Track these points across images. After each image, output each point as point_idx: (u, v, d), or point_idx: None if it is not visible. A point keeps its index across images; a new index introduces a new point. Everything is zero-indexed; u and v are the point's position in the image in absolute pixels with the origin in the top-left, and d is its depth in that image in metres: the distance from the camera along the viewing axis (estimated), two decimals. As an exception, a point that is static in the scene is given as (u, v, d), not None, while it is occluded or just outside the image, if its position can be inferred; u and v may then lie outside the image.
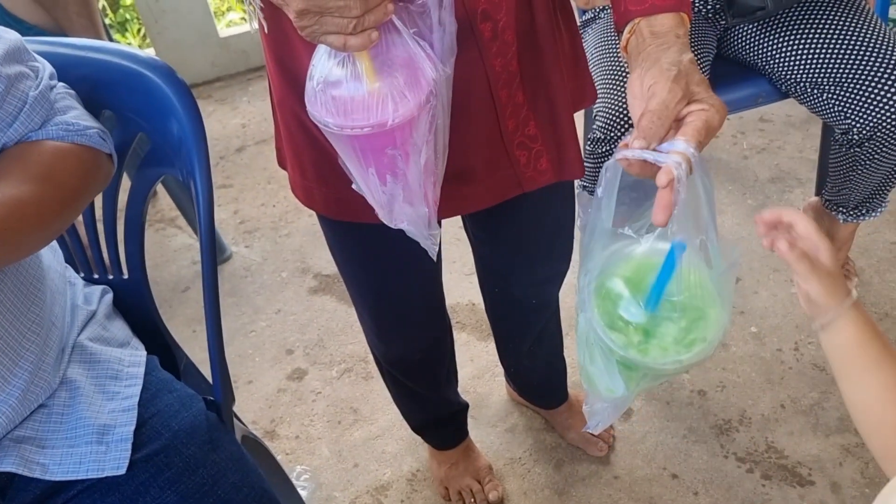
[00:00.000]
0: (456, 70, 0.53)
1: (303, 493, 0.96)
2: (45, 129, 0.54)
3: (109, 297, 0.70)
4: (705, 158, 0.39)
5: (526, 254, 0.80)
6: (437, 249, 0.59)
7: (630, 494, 0.91)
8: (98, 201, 0.62)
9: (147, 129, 0.66)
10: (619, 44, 0.49)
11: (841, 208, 0.98)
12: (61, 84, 0.58)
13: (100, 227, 0.70)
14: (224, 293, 1.20)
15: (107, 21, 1.69)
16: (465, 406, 1.00)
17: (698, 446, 0.94)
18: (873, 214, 0.97)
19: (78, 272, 0.72)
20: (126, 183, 0.65)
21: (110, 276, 0.75)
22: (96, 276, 0.76)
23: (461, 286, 1.15)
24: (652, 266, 0.48)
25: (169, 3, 1.73)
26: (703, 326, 0.47)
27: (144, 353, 0.66)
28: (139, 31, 2.08)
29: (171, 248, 1.41)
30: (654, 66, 0.45)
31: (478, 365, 1.12)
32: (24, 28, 1.12)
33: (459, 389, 0.99)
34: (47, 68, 0.56)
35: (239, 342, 1.17)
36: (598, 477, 0.95)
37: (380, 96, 0.49)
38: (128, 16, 2.12)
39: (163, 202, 1.43)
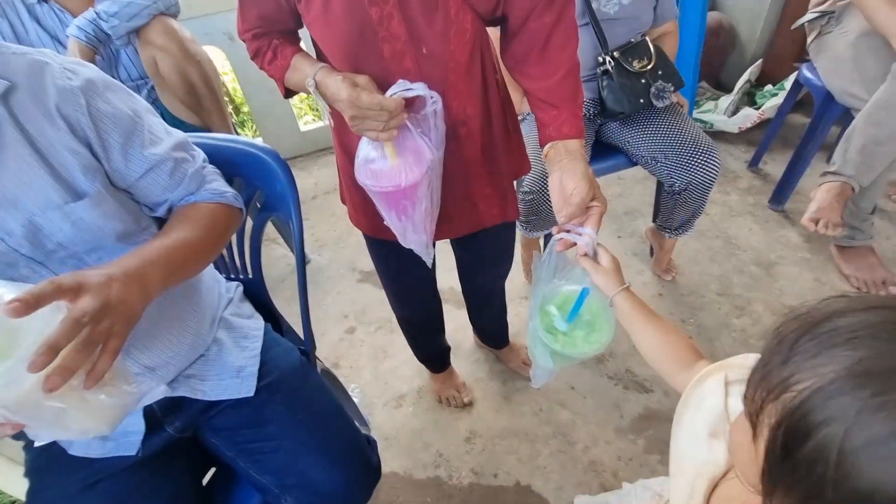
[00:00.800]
0: (444, 154, 0.71)
1: (356, 401, 1.27)
2: (198, 193, 0.67)
3: (240, 288, 0.88)
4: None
5: (485, 260, 1.07)
6: (431, 259, 0.82)
7: (547, 397, 1.33)
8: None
9: (262, 187, 0.83)
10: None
11: (667, 230, 1.45)
12: (210, 165, 0.71)
13: (235, 248, 0.91)
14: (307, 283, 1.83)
15: (233, 120, 2.02)
16: (449, 348, 1.34)
17: (587, 370, 1.39)
18: (686, 233, 1.44)
19: (222, 274, 0.89)
20: (249, 221, 0.84)
21: (241, 276, 0.94)
22: (233, 276, 0.95)
23: (447, 277, 1.31)
24: (571, 298, 0.67)
25: (270, 110, 2.34)
26: (598, 333, 0.65)
27: (262, 321, 0.83)
28: (253, 126, 2.57)
29: (274, 257, 1.91)
30: (572, 175, 0.65)
31: (456, 324, 1.52)
32: (184, 127, 1.25)
33: (446, 337, 1.32)
34: (201, 154, 0.70)
35: (315, 312, 1.41)
36: (527, 388, 1.37)
37: (398, 169, 0.66)
38: (245, 117, 2.66)
39: (268, 229, 1.88)
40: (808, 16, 1.60)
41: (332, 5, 0.62)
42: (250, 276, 0.92)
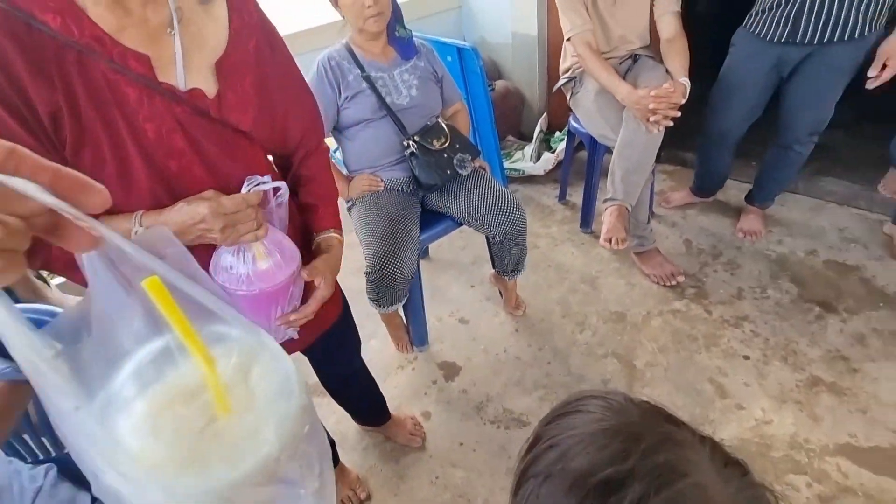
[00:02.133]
0: None
1: None
2: None
3: (53, 470, 0.76)
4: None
5: (332, 351, 1.08)
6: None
7: (440, 461, 1.37)
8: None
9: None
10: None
11: (504, 273, 1.63)
12: None
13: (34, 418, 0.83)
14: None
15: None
16: (333, 443, 1.21)
17: (469, 422, 1.45)
18: (520, 272, 1.63)
19: (24, 460, 0.81)
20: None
21: (52, 454, 0.86)
22: (41, 458, 0.85)
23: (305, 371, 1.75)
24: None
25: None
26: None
27: (89, 497, 0.75)
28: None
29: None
30: (328, 263, 0.81)
31: (336, 416, 1.43)
32: None
33: (329, 433, 1.21)
34: None
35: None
36: (420, 458, 1.39)
37: (273, 266, 0.69)
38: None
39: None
40: (560, 81, 2.00)
41: (132, 166, 0.61)
42: (64, 450, 0.79)
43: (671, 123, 1.59)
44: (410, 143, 1.42)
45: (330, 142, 1.45)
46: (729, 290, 1.78)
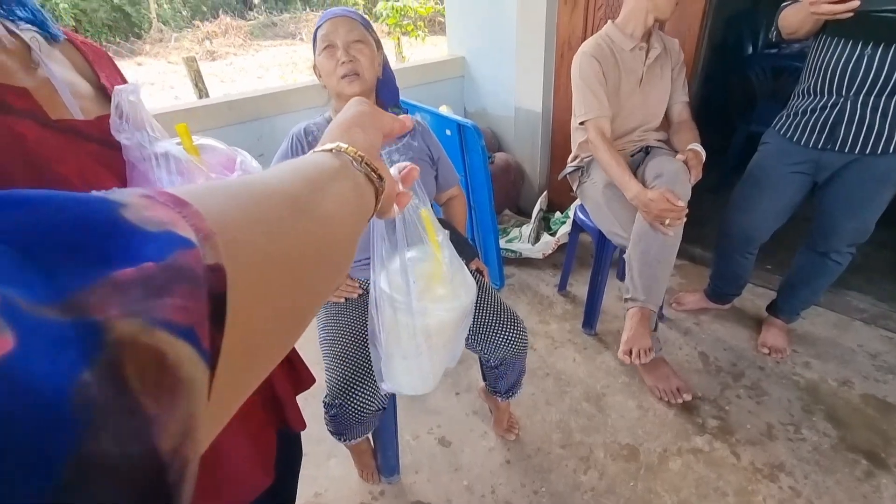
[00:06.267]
0: None
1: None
2: None
3: None
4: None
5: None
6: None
7: None
8: None
9: None
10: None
11: (497, 394, 1.35)
12: None
13: None
14: None
15: None
16: None
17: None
18: (514, 396, 1.36)
19: None
20: None
21: None
22: None
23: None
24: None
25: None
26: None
27: None
28: None
29: None
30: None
31: None
32: None
33: None
34: None
35: None
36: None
37: None
38: None
39: None
40: (567, 169, 1.82)
41: None
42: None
43: (682, 222, 1.42)
44: (396, 240, 1.18)
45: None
46: (757, 426, 1.52)
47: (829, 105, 1.39)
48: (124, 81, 0.62)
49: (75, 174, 0.50)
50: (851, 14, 1.18)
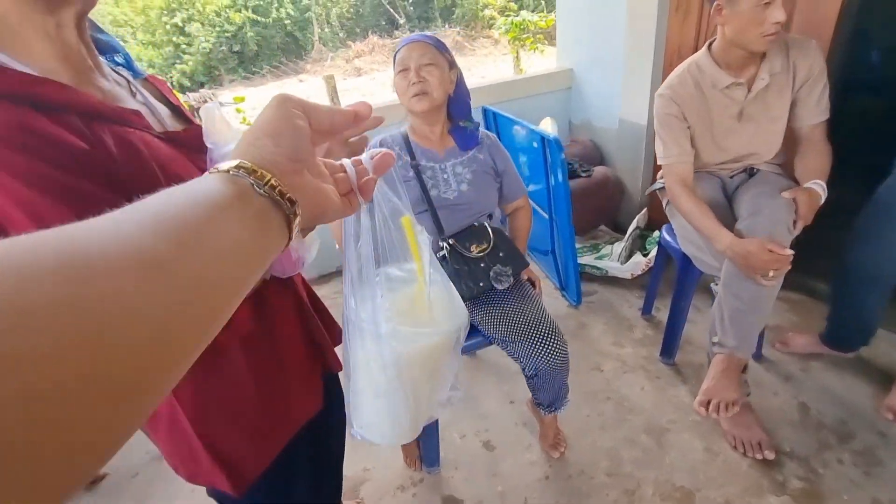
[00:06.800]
0: None
1: None
2: None
3: None
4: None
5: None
6: None
7: None
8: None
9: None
10: None
11: (540, 407, 1.35)
12: None
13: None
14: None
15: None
16: None
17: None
18: (559, 410, 1.34)
19: None
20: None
21: None
22: None
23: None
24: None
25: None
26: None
27: None
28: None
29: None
30: None
31: None
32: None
33: None
34: None
35: None
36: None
37: None
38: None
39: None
40: (656, 184, 1.71)
41: None
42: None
43: (787, 269, 1.24)
44: (445, 244, 1.27)
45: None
46: (858, 499, 1.28)
47: None
48: (178, 99, 0.80)
49: (184, 171, 0.60)
50: None
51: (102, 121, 0.55)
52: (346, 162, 0.41)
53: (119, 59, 0.66)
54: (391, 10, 12.34)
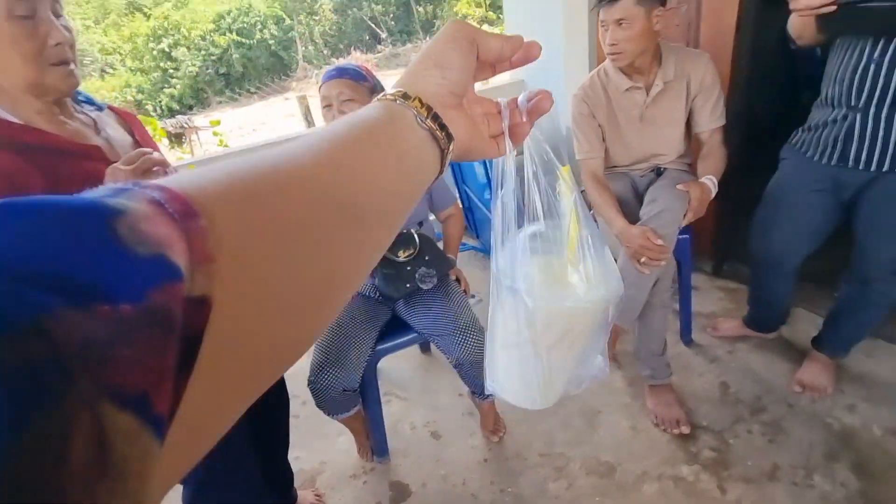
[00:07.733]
0: None
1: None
2: None
3: None
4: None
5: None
6: None
7: None
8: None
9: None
10: None
11: (475, 395, 1.51)
12: None
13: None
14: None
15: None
16: None
17: None
18: (487, 399, 1.50)
19: None
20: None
21: None
22: None
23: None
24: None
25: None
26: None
27: None
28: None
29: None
30: None
31: None
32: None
33: None
34: None
35: None
36: None
37: None
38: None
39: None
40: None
41: None
42: None
43: (662, 264, 1.39)
44: (375, 251, 1.41)
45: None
46: (760, 465, 1.41)
47: (839, 118, 1.27)
48: (144, 130, 0.96)
49: None
50: (833, 9, 1.09)
51: (68, 156, 0.73)
52: (502, 101, 0.40)
53: (81, 97, 0.85)
54: (373, 26, 12.60)
